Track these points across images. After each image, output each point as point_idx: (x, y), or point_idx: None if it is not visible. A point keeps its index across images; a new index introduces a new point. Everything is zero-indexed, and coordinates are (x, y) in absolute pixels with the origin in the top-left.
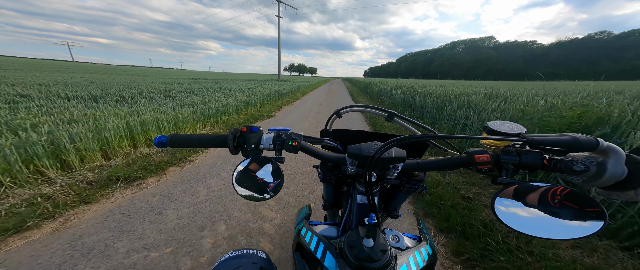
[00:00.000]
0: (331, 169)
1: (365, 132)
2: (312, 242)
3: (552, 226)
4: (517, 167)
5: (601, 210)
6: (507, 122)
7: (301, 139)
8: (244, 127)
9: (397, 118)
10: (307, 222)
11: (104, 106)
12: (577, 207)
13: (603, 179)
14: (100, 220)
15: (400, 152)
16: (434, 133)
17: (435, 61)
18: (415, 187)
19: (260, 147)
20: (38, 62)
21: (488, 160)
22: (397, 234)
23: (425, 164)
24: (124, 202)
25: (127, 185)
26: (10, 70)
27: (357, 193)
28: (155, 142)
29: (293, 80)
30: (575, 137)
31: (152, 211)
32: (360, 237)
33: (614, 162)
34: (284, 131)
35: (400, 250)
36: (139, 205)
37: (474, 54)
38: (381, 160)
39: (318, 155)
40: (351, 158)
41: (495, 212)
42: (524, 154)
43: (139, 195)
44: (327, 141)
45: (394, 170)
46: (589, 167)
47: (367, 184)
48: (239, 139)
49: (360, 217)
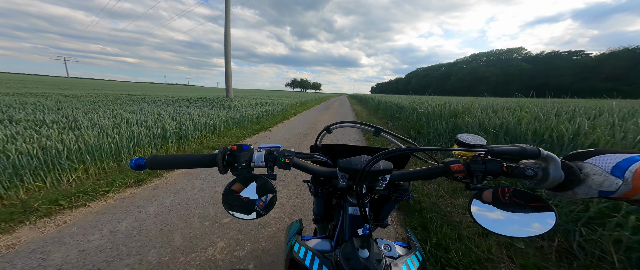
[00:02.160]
0: (322, 183)
1: (352, 146)
2: (307, 257)
3: (515, 225)
4: (484, 174)
5: (550, 208)
6: (472, 135)
7: (293, 155)
8: (234, 145)
9: (383, 133)
10: (299, 237)
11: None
12: (531, 206)
13: (548, 182)
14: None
15: (387, 164)
16: (416, 146)
17: (454, 76)
18: (402, 196)
19: (251, 165)
20: (74, 80)
21: (461, 168)
22: (389, 243)
23: (409, 174)
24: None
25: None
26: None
27: (348, 205)
28: (132, 164)
29: (270, 97)
30: (523, 147)
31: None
32: (356, 249)
33: (554, 167)
34: (275, 148)
35: (393, 258)
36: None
37: (502, 67)
38: (371, 172)
39: (310, 171)
40: (342, 171)
41: (472, 215)
42: (488, 163)
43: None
44: (318, 156)
45: (382, 181)
46: (537, 172)
47: (359, 195)
48: (229, 157)
49: (353, 229)
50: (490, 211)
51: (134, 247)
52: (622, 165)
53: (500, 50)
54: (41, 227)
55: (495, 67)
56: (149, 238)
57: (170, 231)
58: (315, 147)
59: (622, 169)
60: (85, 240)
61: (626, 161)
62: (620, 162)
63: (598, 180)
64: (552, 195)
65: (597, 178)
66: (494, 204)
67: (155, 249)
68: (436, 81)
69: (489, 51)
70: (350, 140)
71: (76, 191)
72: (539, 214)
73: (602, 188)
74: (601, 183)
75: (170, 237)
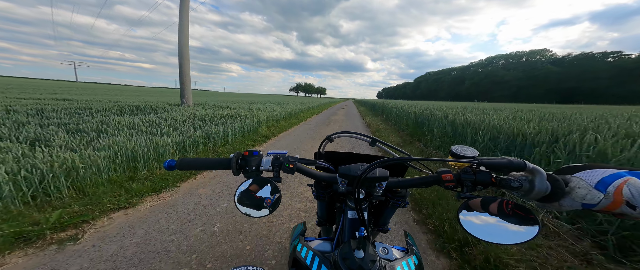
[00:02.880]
0: (324, 187)
1: (353, 153)
2: (308, 257)
3: (501, 233)
4: (474, 184)
5: (535, 218)
6: (466, 147)
7: (297, 161)
8: (246, 151)
9: (379, 143)
10: (302, 238)
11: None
12: (518, 215)
13: (533, 193)
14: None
15: (383, 172)
16: (410, 156)
17: (469, 79)
18: (399, 203)
19: (260, 169)
20: (95, 86)
21: (452, 178)
22: (387, 246)
23: (404, 182)
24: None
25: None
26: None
27: (348, 209)
28: (165, 165)
29: (254, 103)
30: (510, 160)
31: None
32: (352, 249)
33: (539, 179)
34: (281, 154)
35: (389, 261)
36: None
37: (525, 70)
38: (368, 179)
39: (312, 176)
40: (342, 177)
41: (461, 222)
42: (478, 173)
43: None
44: (320, 163)
45: (379, 187)
46: (522, 183)
47: (357, 200)
48: (241, 161)
49: (352, 231)
50: (478, 219)
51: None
52: (606, 180)
53: (520, 52)
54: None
55: (517, 70)
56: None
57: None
58: (318, 153)
59: (606, 184)
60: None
61: (611, 177)
62: (605, 178)
63: (581, 193)
64: (541, 206)
65: (580, 191)
66: (482, 213)
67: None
68: (448, 85)
69: (506, 53)
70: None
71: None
72: (526, 223)
73: (584, 201)
74: (584, 196)
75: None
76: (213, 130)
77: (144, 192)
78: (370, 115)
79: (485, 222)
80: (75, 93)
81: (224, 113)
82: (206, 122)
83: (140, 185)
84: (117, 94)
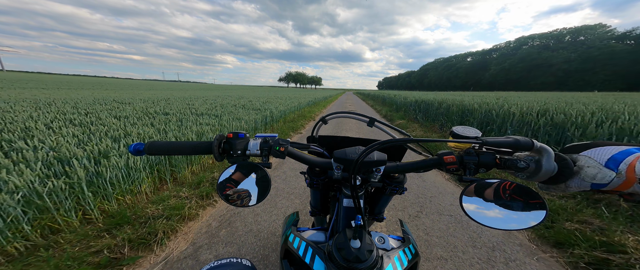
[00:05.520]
0: (318, 174)
1: (349, 137)
2: (301, 247)
3: (506, 218)
4: (477, 166)
5: (543, 202)
6: (468, 127)
7: (288, 144)
8: (230, 133)
9: (377, 123)
10: (294, 228)
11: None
12: (523, 199)
13: (540, 174)
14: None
15: (381, 156)
16: (409, 137)
17: (496, 65)
18: (397, 189)
19: (247, 153)
20: (89, 79)
21: (454, 160)
22: (383, 235)
23: (403, 166)
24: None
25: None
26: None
27: (343, 197)
28: (131, 149)
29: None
30: (517, 138)
31: None
32: (348, 239)
33: (547, 159)
34: (271, 137)
35: (386, 251)
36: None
37: (577, 51)
38: (365, 163)
39: (305, 161)
40: (337, 162)
41: (463, 207)
42: (481, 155)
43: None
44: (314, 147)
45: (377, 173)
46: (529, 164)
47: (353, 186)
48: (225, 145)
49: (348, 220)
50: (482, 204)
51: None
52: (617, 157)
53: (565, 30)
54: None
55: (567, 49)
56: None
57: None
58: (311, 137)
59: (617, 162)
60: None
61: (622, 154)
62: (616, 155)
63: (591, 172)
64: (545, 189)
65: (590, 170)
66: (486, 197)
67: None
68: (464, 73)
69: (546, 33)
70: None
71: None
72: (532, 208)
73: (595, 181)
74: (594, 175)
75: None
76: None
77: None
78: (396, 117)
79: (489, 207)
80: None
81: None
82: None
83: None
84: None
